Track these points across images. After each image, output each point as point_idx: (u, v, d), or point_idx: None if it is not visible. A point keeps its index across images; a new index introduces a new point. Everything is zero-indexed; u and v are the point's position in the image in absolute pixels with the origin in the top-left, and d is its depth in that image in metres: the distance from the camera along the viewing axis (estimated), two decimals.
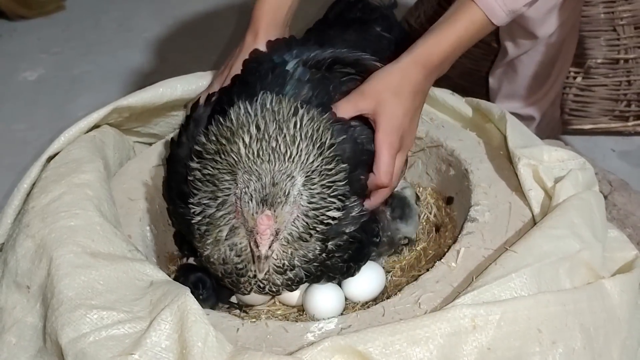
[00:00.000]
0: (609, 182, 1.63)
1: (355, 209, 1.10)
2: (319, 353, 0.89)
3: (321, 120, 1.07)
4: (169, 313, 0.93)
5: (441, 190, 1.40)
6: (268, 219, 0.98)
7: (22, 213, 1.17)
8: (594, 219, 1.12)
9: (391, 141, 1.12)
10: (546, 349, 0.94)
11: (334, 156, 1.05)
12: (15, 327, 1.05)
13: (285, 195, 0.98)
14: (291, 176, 0.99)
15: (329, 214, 1.04)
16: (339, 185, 1.05)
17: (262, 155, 1.00)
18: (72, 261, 1.03)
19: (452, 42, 1.18)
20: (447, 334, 0.91)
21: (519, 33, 1.59)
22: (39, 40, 2.68)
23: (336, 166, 1.05)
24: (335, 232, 1.08)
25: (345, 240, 1.09)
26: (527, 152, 1.21)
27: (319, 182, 1.03)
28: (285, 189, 0.98)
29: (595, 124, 1.91)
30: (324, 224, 1.04)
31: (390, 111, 1.13)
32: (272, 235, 0.99)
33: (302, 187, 1.01)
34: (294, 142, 1.01)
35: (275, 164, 0.99)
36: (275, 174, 0.99)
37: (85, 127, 1.30)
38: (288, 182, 0.99)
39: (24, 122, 2.20)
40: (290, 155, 1.00)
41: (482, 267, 1.05)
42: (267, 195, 0.98)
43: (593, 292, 1.01)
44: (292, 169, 1.00)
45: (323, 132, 1.05)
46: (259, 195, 0.98)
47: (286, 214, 0.99)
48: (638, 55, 1.83)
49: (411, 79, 1.15)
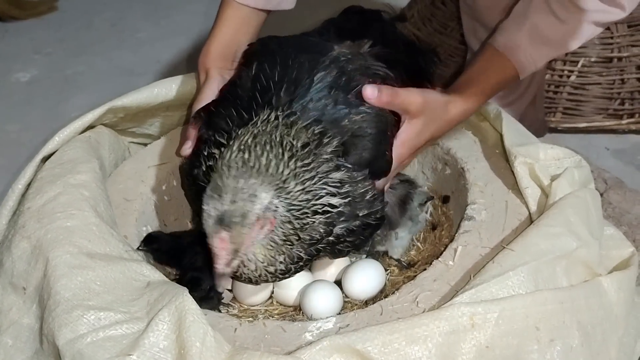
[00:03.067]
0: (604, 180, 1.63)
1: (369, 192, 1.07)
2: (317, 352, 0.89)
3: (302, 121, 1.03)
4: (167, 313, 0.93)
5: (437, 189, 1.40)
6: (221, 242, 0.94)
7: (17, 214, 1.16)
8: (591, 216, 1.12)
9: (402, 153, 1.14)
10: (544, 346, 0.95)
11: (312, 148, 1.01)
12: (11, 328, 1.05)
13: (241, 216, 0.94)
14: (253, 195, 0.95)
15: (322, 202, 1.01)
16: (327, 170, 1.02)
17: (231, 169, 0.96)
18: (69, 262, 1.03)
19: (487, 94, 1.26)
20: (446, 333, 0.91)
21: (484, 32, 1.60)
22: (31, 41, 2.66)
23: (317, 156, 1.01)
24: (348, 216, 1.05)
25: (359, 225, 1.07)
26: (523, 151, 1.22)
27: (297, 184, 0.99)
28: (244, 209, 0.94)
29: (589, 123, 1.91)
30: (321, 212, 1.01)
31: (420, 128, 1.14)
32: (228, 254, 0.95)
33: (276, 199, 0.97)
34: (263, 153, 0.98)
35: (240, 180, 0.95)
36: (237, 192, 0.94)
37: (80, 128, 1.29)
38: (248, 202, 0.94)
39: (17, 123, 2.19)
40: (259, 169, 0.97)
41: (480, 265, 1.05)
42: (223, 215, 0.93)
43: (590, 290, 1.02)
44: (257, 186, 0.95)
45: (297, 132, 1.02)
46: (216, 214, 0.94)
47: (244, 235, 0.95)
48: (632, 53, 1.83)
49: (450, 115, 1.18)
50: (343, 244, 1.09)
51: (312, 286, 1.18)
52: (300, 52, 1.13)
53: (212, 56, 1.26)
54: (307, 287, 1.19)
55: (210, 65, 1.25)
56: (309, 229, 1.02)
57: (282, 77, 1.08)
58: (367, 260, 1.25)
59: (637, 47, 1.84)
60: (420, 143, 1.16)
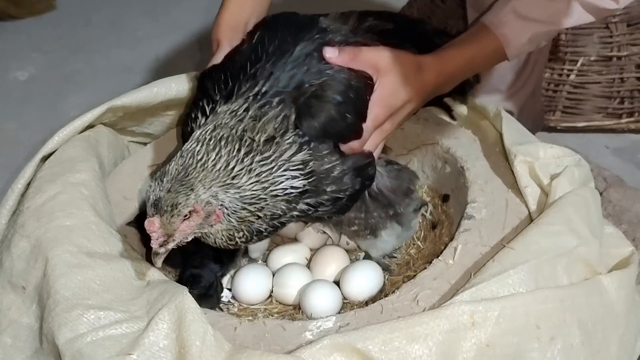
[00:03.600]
0: (604, 178, 1.63)
1: (337, 167, 1.05)
2: (318, 351, 0.89)
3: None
4: (167, 312, 0.93)
5: (437, 188, 1.40)
6: (151, 225, 0.95)
7: (16, 213, 1.16)
8: (591, 215, 1.12)
9: (377, 112, 1.10)
10: (545, 345, 0.95)
11: (272, 137, 1.01)
12: (10, 328, 1.05)
13: (172, 206, 0.94)
14: (190, 188, 0.95)
15: (282, 187, 1.01)
16: (290, 155, 1.01)
17: (180, 158, 0.98)
18: (68, 261, 1.03)
19: (465, 59, 1.22)
20: (446, 331, 0.91)
21: None
22: (30, 39, 2.66)
23: (280, 145, 1.01)
24: (314, 192, 1.04)
25: (328, 199, 1.06)
26: (522, 149, 1.21)
27: (250, 178, 0.99)
28: (176, 200, 0.94)
29: (588, 122, 1.91)
30: (282, 195, 1.01)
31: (393, 86, 1.11)
32: (161, 237, 0.96)
33: (222, 194, 0.98)
34: (215, 148, 0.98)
35: (182, 172, 0.96)
36: (175, 182, 0.95)
37: (80, 127, 1.29)
38: (182, 195, 0.95)
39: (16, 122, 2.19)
40: (204, 163, 0.97)
41: (480, 264, 1.05)
42: (158, 201, 0.95)
43: (591, 288, 1.02)
44: (195, 181, 0.96)
45: (264, 124, 1.01)
46: (153, 197, 0.95)
47: (174, 225, 0.96)
48: (631, 52, 1.84)
49: (424, 76, 1.15)
50: (316, 213, 1.08)
51: (312, 285, 1.18)
52: (299, 29, 1.13)
53: (223, 28, 1.25)
54: (306, 286, 1.19)
55: (221, 37, 1.24)
56: (269, 208, 1.02)
57: (274, 50, 1.09)
58: (366, 262, 1.25)
59: (636, 46, 1.84)
60: (396, 103, 1.12)
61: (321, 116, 1.04)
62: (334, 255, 1.30)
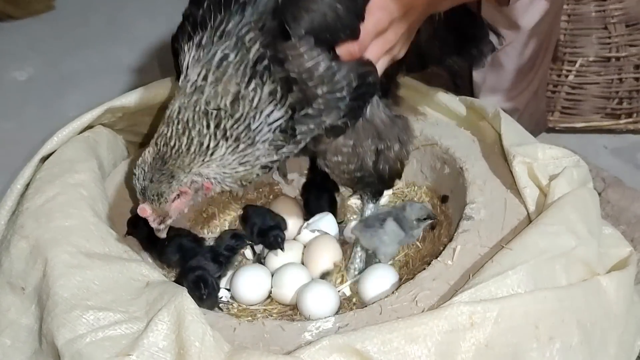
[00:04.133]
0: (602, 179, 1.63)
1: (322, 64, 0.98)
2: (317, 352, 0.89)
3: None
4: (166, 313, 0.93)
5: (436, 189, 1.40)
6: (143, 211, 0.99)
7: (16, 214, 1.16)
8: (589, 215, 1.12)
9: (379, 17, 1.02)
10: (543, 345, 0.95)
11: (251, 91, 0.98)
12: (9, 328, 1.05)
13: (158, 195, 0.97)
14: (170, 176, 0.97)
15: (265, 132, 0.99)
16: (256, 104, 0.98)
17: (155, 146, 0.98)
18: (67, 262, 1.03)
19: None
20: (445, 332, 0.91)
21: (503, 23, 1.60)
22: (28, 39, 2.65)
23: (244, 99, 0.97)
24: (304, 101, 0.99)
25: (323, 102, 1.01)
26: (521, 150, 1.22)
27: (229, 146, 0.98)
28: (160, 189, 0.97)
29: (587, 122, 1.91)
30: (273, 138, 1.00)
31: None
32: (156, 219, 1.00)
33: (205, 169, 0.98)
34: (185, 131, 0.97)
35: (159, 162, 0.97)
36: (155, 172, 0.97)
37: (79, 128, 1.29)
38: (165, 183, 0.97)
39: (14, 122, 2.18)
40: (179, 149, 0.97)
41: (479, 264, 1.05)
42: (144, 190, 0.98)
43: (589, 289, 1.02)
44: (174, 168, 0.97)
45: (229, 80, 0.97)
46: (139, 186, 0.98)
47: (165, 208, 0.99)
48: (629, 53, 1.84)
49: None
50: (324, 124, 1.04)
51: (308, 287, 1.18)
52: None
53: None
54: (303, 287, 1.19)
55: None
56: (265, 156, 1.02)
57: None
58: (381, 266, 1.24)
59: (634, 47, 1.84)
60: (398, 8, 1.05)
61: (311, 10, 0.96)
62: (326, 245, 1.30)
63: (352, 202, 1.47)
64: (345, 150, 1.17)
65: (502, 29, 1.61)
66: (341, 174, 1.23)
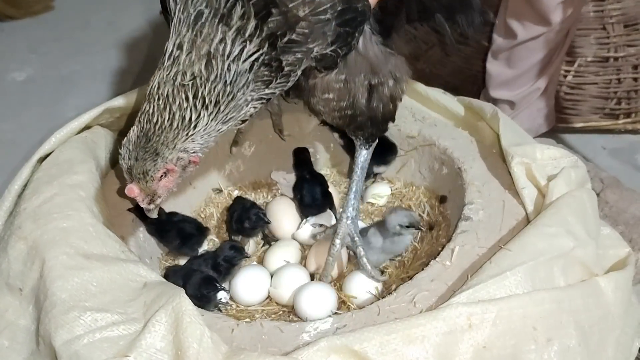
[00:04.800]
0: (600, 179, 1.63)
1: None
2: (315, 353, 0.89)
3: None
4: (164, 314, 0.92)
5: (434, 189, 1.40)
6: (131, 191, 0.98)
7: (13, 215, 1.16)
8: (587, 216, 1.12)
9: None
10: (541, 346, 0.95)
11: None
12: (7, 329, 1.04)
13: (143, 173, 0.96)
14: (155, 154, 0.96)
15: (243, 79, 0.98)
16: (228, 53, 0.96)
17: (138, 125, 0.97)
18: (65, 263, 1.03)
19: None
20: (443, 333, 0.91)
21: (532, 17, 1.60)
22: (27, 40, 2.65)
23: (215, 59, 0.96)
24: (284, 23, 0.96)
25: (307, 25, 0.98)
26: (520, 151, 1.22)
27: (211, 112, 0.97)
28: (145, 168, 0.96)
29: (585, 122, 1.92)
30: (254, 80, 0.99)
31: None
32: (145, 199, 0.99)
33: (190, 143, 0.97)
34: (165, 106, 0.96)
35: (143, 139, 0.96)
36: (140, 150, 0.96)
37: (77, 128, 1.29)
38: (149, 161, 0.96)
39: (13, 123, 2.18)
40: (161, 125, 0.96)
41: (477, 265, 1.05)
42: (130, 169, 0.97)
43: (587, 290, 1.02)
44: (158, 145, 0.96)
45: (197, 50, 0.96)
46: (125, 166, 0.97)
47: (152, 187, 0.98)
48: (628, 53, 1.84)
49: None
50: (312, 53, 1.02)
51: (304, 288, 1.18)
52: None
53: None
54: (299, 289, 1.19)
55: None
56: (253, 94, 1.01)
57: None
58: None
59: (633, 47, 1.84)
60: None
61: None
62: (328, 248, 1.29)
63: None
64: (337, 86, 1.15)
65: (530, 23, 1.62)
66: (332, 112, 1.20)
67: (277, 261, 1.30)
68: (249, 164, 1.50)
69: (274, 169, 1.50)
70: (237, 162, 1.49)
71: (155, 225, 1.27)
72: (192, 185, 1.43)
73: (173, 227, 1.28)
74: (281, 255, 1.30)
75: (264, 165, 1.50)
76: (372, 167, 1.41)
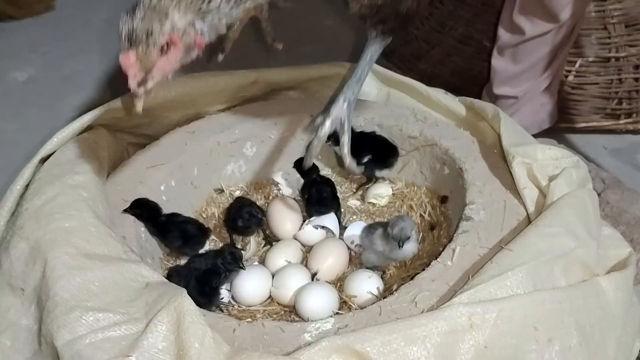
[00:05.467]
0: (602, 179, 1.63)
1: None
2: (316, 353, 0.89)
3: None
4: (166, 314, 0.93)
5: (436, 189, 1.40)
6: (126, 59, 0.90)
7: (15, 215, 1.16)
8: (589, 216, 1.12)
9: None
10: (542, 346, 0.95)
11: None
12: (9, 329, 1.05)
13: (146, 35, 0.88)
14: (165, 15, 0.89)
15: None
16: None
17: None
18: (67, 263, 1.03)
19: None
20: (444, 333, 0.91)
21: (541, 14, 1.61)
22: (28, 40, 2.65)
23: None
24: None
25: None
26: (521, 151, 1.22)
27: None
28: (150, 26, 0.88)
29: (587, 122, 1.92)
30: None
31: None
32: (138, 74, 0.91)
33: (200, 21, 0.92)
34: None
35: (154, 0, 0.89)
36: (148, 10, 0.89)
37: (79, 128, 1.30)
38: (156, 22, 0.89)
39: (14, 123, 2.18)
40: None
41: (478, 265, 1.05)
42: (132, 32, 0.89)
43: (588, 290, 1.02)
44: (170, 8, 0.90)
45: None
46: (126, 31, 0.90)
47: (152, 57, 0.90)
48: (629, 53, 1.84)
49: None
50: None
51: (306, 288, 1.18)
52: None
53: None
54: (301, 289, 1.19)
55: None
56: None
57: None
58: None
59: (634, 47, 1.84)
60: None
61: None
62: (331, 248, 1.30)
63: (351, 202, 1.47)
64: None
65: (539, 20, 1.61)
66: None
67: (278, 261, 1.30)
68: (250, 164, 1.50)
69: (276, 170, 1.50)
70: (239, 162, 1.50)
71: (157, 227, 1.27)
72: (194, 185, 1.43)
73: (175, 227, 1.28)
74: (283, 255, 1.31)
75: (266, 165, 1.50)
76: (374, 171, 1.43)
